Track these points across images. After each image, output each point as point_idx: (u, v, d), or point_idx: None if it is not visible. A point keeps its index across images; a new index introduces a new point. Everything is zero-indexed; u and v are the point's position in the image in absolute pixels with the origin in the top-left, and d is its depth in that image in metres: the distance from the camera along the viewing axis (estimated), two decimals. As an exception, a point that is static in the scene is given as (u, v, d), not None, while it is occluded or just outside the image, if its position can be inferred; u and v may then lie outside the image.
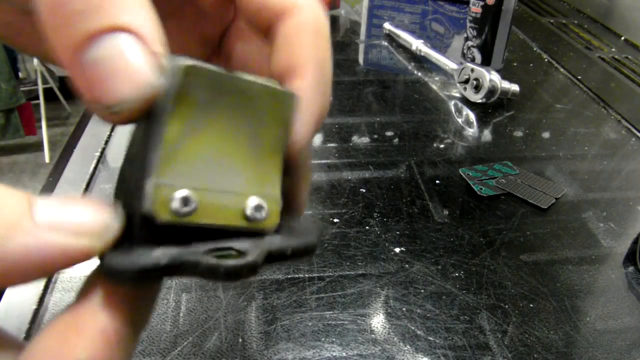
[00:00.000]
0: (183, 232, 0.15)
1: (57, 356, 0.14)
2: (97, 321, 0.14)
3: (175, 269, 0.15)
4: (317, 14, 0.20)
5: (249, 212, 0.16)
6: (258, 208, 0.16)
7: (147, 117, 0.15)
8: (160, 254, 0.15)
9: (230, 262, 0.15)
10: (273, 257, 0.16)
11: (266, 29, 0.21)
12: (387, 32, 0.89)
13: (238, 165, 0.16)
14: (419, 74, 0.78)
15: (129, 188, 0.16)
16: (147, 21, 0.15)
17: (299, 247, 0.17)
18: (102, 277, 0.15)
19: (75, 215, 0.14)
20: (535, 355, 0.36)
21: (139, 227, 0.15)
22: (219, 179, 0.16)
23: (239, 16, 0.24)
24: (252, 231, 0.16)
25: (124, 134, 0.60)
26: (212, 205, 0.16)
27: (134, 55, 0.14)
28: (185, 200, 0.15)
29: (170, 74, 0.15)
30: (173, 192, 0.15)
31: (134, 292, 0.15)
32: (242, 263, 0.15)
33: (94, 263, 0.15)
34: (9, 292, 0.40)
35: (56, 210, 0.14)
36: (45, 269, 0.14)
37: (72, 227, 0.14)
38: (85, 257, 0.14)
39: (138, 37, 0.15)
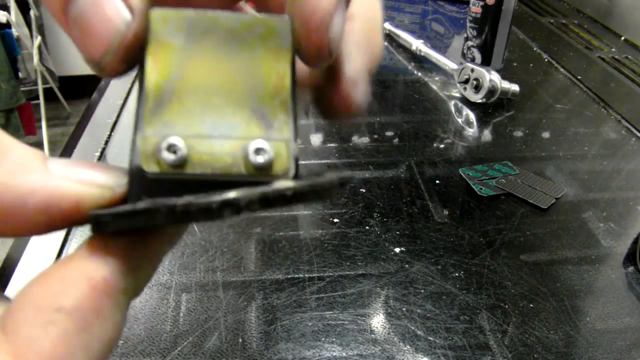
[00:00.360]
0: (181, 186, 0.14)
1: (40, 304, 0.13)
2: (83, 269, 0.13)
3: (154, 213, 0.13)
4: None
5: (250, 157, 0.14)
6: (259, 151, 0.14)
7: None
8: (142, 202, 0.13)
9: (205, 199, 0.13)
10: (270, 200, 0.13)
11: None
12: (387, 32, 0.89)
13: (235, 108, 0.15)
14: (419, 74, 0.78)
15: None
16: None
17: (303, 188, 0.14)
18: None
19: (86, 171, 0.14)
20: (535, 355, 0.36)
21: (132, 183, 0.14)
22: (213, 125, 0.14)
23: None
24: (258, 181, 0.14)
25: (124, 134, 0.60)
26: (207, 153, 0.14)
27: (107, 5, 0.14)
28: (172, 148, 0.14)
29: (146, 23, 0.14)
30: (160, 142, 0.14)
31: (127, 242, 0.14)
32: (220, 199, 0.13)
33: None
34: (9, 293, 0.40)
35: (69, 164, 0.14)
36: (51, 215, 0.13)
37: (83, 179, 0.14)
38: (93, 205, 0.14)
39: None
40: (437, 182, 0.54)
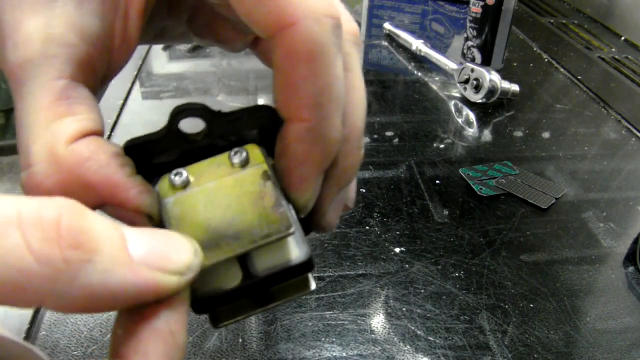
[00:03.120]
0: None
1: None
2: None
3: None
4: (317, 27, 0.17)
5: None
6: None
7: None
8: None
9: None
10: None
11: (255, 42, 0.21)
12: (387, 32, 0.89)
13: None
14: (419, 74, 0.78)
15: None
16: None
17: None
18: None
19: (164, 251, 0.16)
20: (535, 355, 0.36)
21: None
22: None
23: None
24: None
25: (124, 133, 0.60)
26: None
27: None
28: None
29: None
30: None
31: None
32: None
33: None
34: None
35: (147, 244, 0.15)
36: (135, 302, 0.15)
37: (163, 265, 0.16)
38: (171, 293, 0.16)
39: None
40: (437, 182, 0.54)
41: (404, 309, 0.40)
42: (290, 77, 0.18)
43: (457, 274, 0.43)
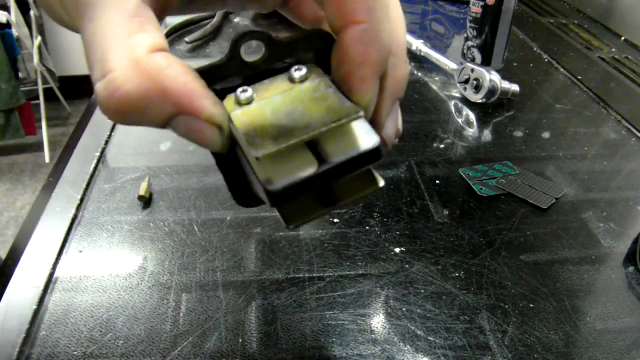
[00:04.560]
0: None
1: None
2: None
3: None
4: None
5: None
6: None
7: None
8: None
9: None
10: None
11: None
12: (387, 32, 0.89)
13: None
14: (419, 74, 0.78)
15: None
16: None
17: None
18: None
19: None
20: (535, 355, 0.36)
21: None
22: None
23: None
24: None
25: (124, 133, 0.60)
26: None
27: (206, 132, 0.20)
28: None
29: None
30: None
31: None
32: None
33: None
34: (9, 292, 0.40)
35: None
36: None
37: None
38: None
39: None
40: (437, 182, 0.54)
41: (404, 309, 0.40)
42: None
43: (457, 274, 0.43)
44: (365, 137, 0.20)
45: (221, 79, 0.21)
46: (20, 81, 2.29)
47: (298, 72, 0.21)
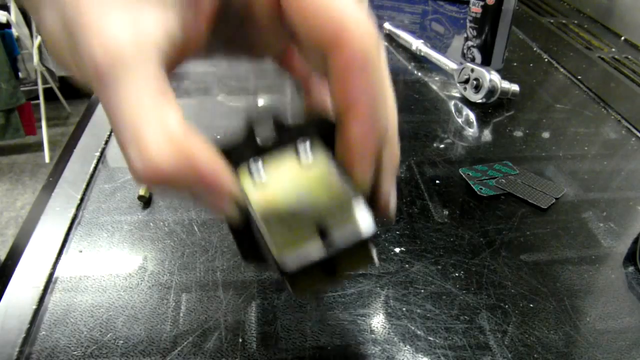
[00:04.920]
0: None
1: None
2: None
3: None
4: (366, 42, 0.22)
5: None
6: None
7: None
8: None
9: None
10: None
11: (321, 59, 0.23)
12: (387, 32, 0.89)
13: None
14: (419, 74, 0.78)
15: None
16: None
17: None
18: None
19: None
20: (535, 355, 0.36)
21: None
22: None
23: (294, 43, 0.26)
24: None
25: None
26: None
27: (224, 203, 0.23)
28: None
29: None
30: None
31: None
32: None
33: None
34: (9, 292, 0.40)
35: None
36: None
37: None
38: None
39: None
40: (437, 182, 0.54)
41: (404, 309, 0.40)
42: (350, 78, 0.22)
43: (457, 274, 0.43)
44: (364, 221, 0.23)
45: (236, 155, 0.24)
46: (20, 81, 2.29)
47: (303, 147, 0.24)
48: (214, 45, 0.27)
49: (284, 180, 0.23)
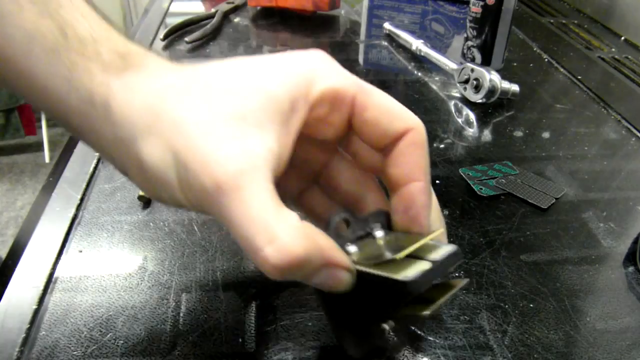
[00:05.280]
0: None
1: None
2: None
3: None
4: (424, 132, 0.31)
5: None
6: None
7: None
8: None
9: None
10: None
11: (384, 147, 0.31)
12: (387, 32, 0.89)
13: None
14: (419, 74, 0.78)
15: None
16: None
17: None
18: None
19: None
20: (535, 355, 0.36)
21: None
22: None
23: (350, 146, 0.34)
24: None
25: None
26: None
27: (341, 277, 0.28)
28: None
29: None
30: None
31: None
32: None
33: None
34: (9, 292, 0.40)
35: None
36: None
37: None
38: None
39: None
40: (437, 182, 0.54)
41: (404, 309, 0.40)
42: (412, 156, 0.30)
43: (457, 274, 0.43)
44: (445, 246, 0.28)
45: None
46: (20, 81, 2.28)
47: (379, 234, 0.31)
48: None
49: (375, 249, 0.29)
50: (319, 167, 0.35)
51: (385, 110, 0.30)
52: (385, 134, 0.30)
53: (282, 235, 0.24)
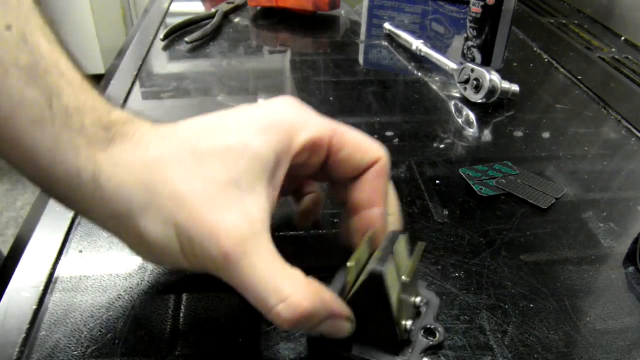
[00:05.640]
0: None
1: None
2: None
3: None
4: (388, 162, 0.35)
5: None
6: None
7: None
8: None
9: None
10: None
11: (353, 177, 0.35)
12: (387, 32, 0.89)
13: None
14: (419, 74, 0.78)
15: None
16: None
17: None
18: None
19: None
20: (535, 355, 0.36)
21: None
22: None
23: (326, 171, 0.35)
24: None
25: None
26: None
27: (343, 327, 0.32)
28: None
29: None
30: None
31: None
32: None
33: None
34: (9, 292, 0.40)
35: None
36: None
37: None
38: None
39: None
40: (437, 182, 0.54)
41: (404, 309, 0.40)
42: (375, 184, 0.34)
43: (457, 274, 0.43)
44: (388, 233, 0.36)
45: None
46: (20, 81, 2.28)
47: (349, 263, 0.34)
48: None
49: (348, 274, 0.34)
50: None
51: (357, 146, 0.33)
52: (358, 167, 0.34)
53: (291, 293, 0.27)
